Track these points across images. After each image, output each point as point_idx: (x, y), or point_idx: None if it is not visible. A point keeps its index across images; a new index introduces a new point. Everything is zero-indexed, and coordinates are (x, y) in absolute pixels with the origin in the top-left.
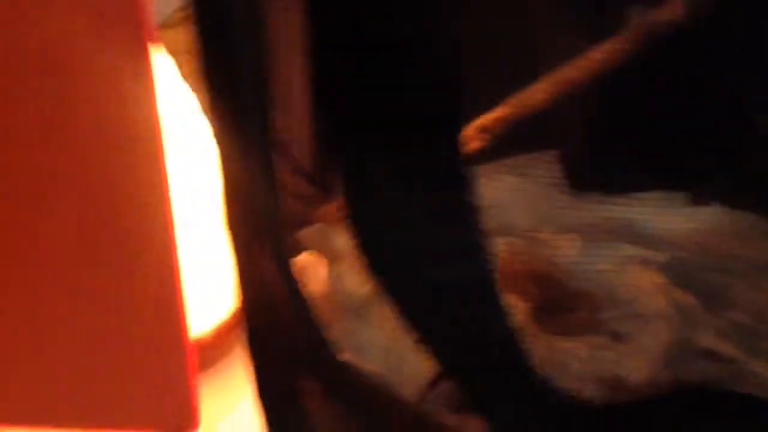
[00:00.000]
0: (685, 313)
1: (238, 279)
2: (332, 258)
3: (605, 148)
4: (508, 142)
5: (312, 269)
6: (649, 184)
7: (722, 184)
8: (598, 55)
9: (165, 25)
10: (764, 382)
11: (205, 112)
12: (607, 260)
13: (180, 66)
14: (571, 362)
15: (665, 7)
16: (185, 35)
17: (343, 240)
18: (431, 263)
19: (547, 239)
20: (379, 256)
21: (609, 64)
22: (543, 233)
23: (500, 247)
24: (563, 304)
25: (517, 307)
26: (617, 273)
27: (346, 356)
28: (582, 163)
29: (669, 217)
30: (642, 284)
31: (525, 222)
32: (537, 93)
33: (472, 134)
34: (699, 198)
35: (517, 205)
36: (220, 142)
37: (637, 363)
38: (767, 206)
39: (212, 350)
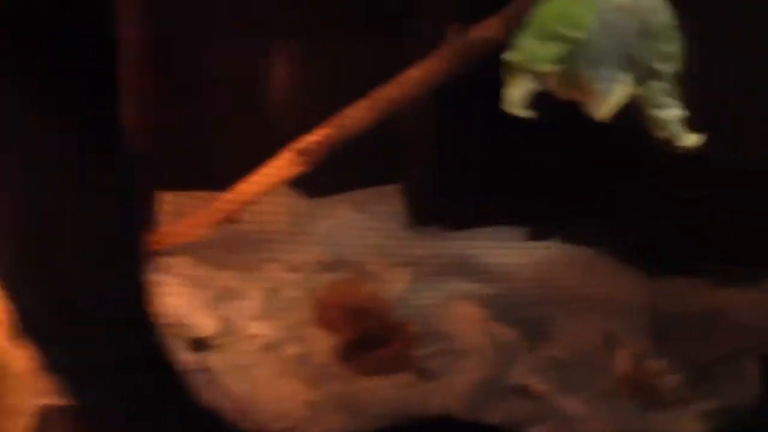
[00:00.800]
0: (502, 349)
1: None
2: None
3: (448, 183)
4: (351, 175)
5: None
6: (490, 220)
7: (562, 219)
8: (416, 73)
9: None
10: (564, 420)
11: None
12: (434, 294)
13: None
14: (372, 401)
15: (483, 27)
16: None
17: None
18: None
19: (377, 272)
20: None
21: (427, 83)
22: (373, 266)
23: (323, 281)
24: (377, 339)
25: (323, 342)
26: (441, 307)
27: None
28: (424, 197)
29: (505, 252)
30: (463, 319)
31: (358, 256)
32: (356, 113)
33: (290, 158)
34: (538, 233)
35: (353, 238)
36: None
37: (441, 401)
38: (607, 241)
39: None
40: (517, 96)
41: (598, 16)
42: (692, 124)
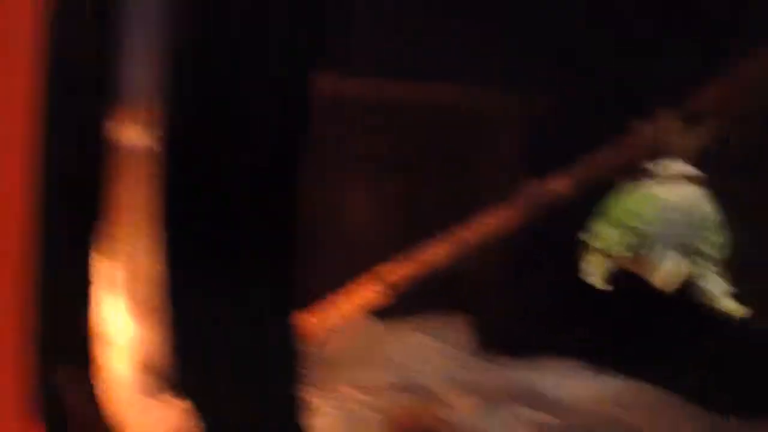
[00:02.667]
0: None
1: None
2: None
3: (514, 315)
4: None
5: None
6: (556, 351)
7: (630, 356)
8: (493, 219)
9: None
10: None
11: None
12: (502, 422)
13: None
14: None
15: (555, 179)
16: None
17: None
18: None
19: (447, 399)
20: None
21: (502, 228)
22: (443, 392)
23: (397, 402)
24: None
25: None
26: None
27: None
28: (491, 328)
29: (572, 383)
30: None
31: (429, 381)
32: (438, 251)
33: (380, 290)
34: (605, 367)
35: (424, 363)
36: None
37: None
38: (673, 383)
39: None
40: (596, 271)
41: (662, 214)
42: (739, 298)
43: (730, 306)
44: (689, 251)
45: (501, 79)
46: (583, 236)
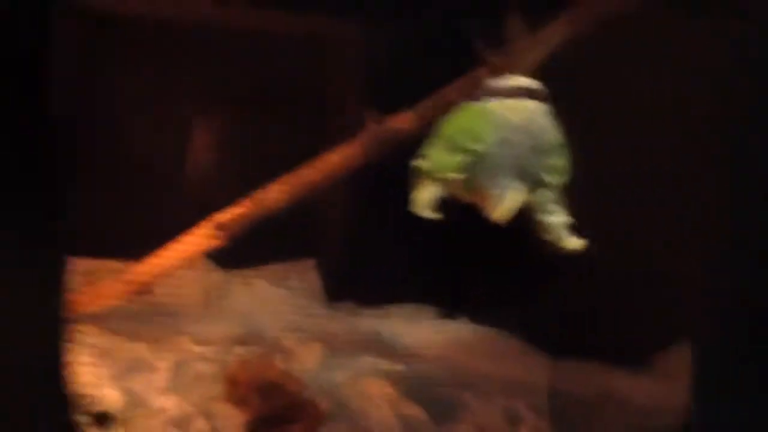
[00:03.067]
0: (410, 428)
1: None
2: None
3: (362, 260)
4: (268, 249)
5: None
6: (403, 297)
7: (472, 299)
8: (335, 158)
9: None
10: None
11: None
12: (345, 371)
13: None
14: None
15: (398, 118)
16: None
17: None
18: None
19: (290, 348)
20: None
21: (345, 167)
22: (287, 342)
23: (236, 356)
24: (286, 416)
25: (233, 419)
26: (351, 384)
27: None
28: (339, 273)
29: (416, 330)
30: (373, 396)
31: (272, 330)
32: (273, 193)
33: (207, 231)
34: (448, 312)
35: (268, 313)
36: None
37: None
38: (512, 323)
39: None
40: (424, 199)
41: (497, 133)
42: (576, 230)
43: (570, 240)
44: (529, 178)
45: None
46: (413, 162)
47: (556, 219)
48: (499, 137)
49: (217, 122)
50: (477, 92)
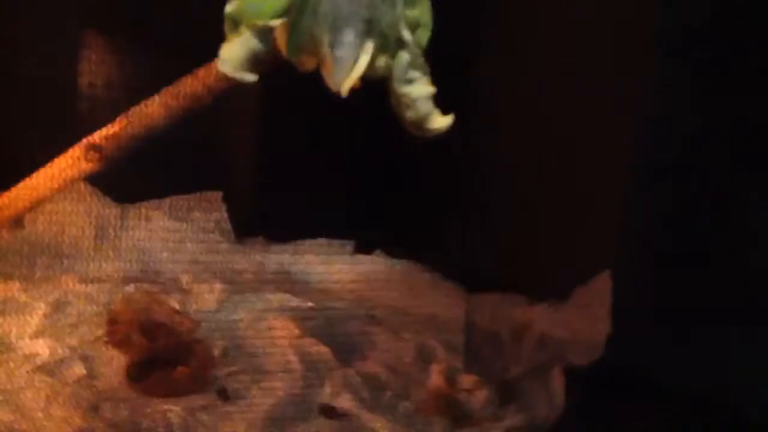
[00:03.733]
0: (313, 368)
1: None
2: None
3: (270, 194)
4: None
5: None
6: (315, 231)
7: (384, 232)
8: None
9: None
10: None
11: None
12: (247, 309)
13: None
14: (160, 426)
15: None
16: None
17: None
18: None
19: (188, 287)
20: None
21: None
22: (185, 280)
23: (122, 294)
24: (172, 358)
25: (114, 362)
26: (252, 323)
27: None
28: (247, 207)
29: (328, 265)
30: (275, 335)
31: (171, 268)
32: (153, 107)
33: (79, 153)
34: (361, 246)
35: (166, 249)
36: None
37: (239, 425)
38: (428, 256)
39: None
40: (235, 54)
41: None
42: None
43: (435, 118)
44: (379, 34)
45: None
46: (226, 8)
47: (419, 90)
48: None
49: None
50: None
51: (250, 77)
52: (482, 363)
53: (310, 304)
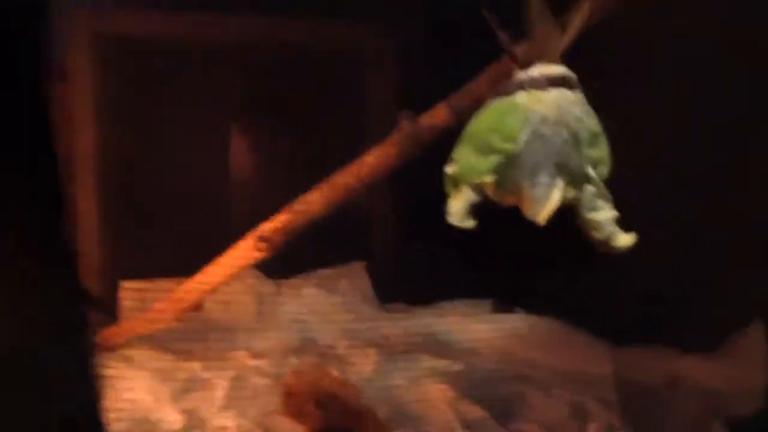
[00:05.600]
0: (472, 427)
1: None
2: None
3: (410, 259)
4: (317, 255)
5: None
6: (456, 293)
7: (527, 291)
8: (371, 159)
9: None
10: None
11: None
12: (403, 374)
13: None
14: None
15: (431, 114)
16: None
17: None
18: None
19: (344, 355)
20: None
21: (381, 168)
22: (341, 349)
23: (290, 366)
24: (346, 426)
25: None
26: (410, 388)
27: None
28: (389, 274)
29: (472, 326)
30: (432, 399)
31: (326, 337)
32: (314, 199)
33: (251, 245)
34: (503, 305)
35: (320, 319)
36: None
37: None
38: (571, 312)
39: None
40: (458, 207)
41: (528, 128)
42: (625, 224)
43: (620, 237)
44: (568, 173)
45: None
46: (445, 168)
47: (603, 215)
48: (532, 132)
49: (259, 136)
50: (503, 86)
51: (470, 223)
52: (638, 418)
53: (459, 366)
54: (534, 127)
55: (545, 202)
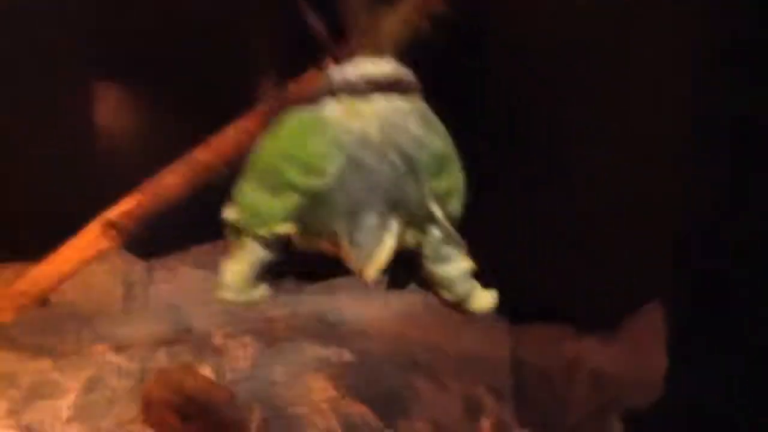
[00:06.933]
0: (355, 429)
1: None
2: None
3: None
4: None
5: None
6: (345, 269)
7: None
8: (232, 134)
9: None
10: None
11: None
12: (284, 368)
13: None
14: None
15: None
16: None
17: None
18: None
19: (221, 345)
20: None
21: (245, 143)
22: (217, 338)
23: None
24: None
25: None
26: (290, 385)
27: None
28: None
29: (363, 306)
30: (314, 399)
31: (202, 323)
32: (170, 180)
33: (99, 231)
34: (395, 281)
35: (194, 302)
36: None
37: None
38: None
39: None
40: (238, 273)
41: (341, 154)
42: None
43: (477, 296)
44: (404, 210)
45: None
46: (224, 213)
47: (454, 268)
48: (347, 159)
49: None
50: (310, 93)
51: (259, 294)
52: (533, 405)
53: (347, 354)
54: (350, 152)
55: (374, 251)
